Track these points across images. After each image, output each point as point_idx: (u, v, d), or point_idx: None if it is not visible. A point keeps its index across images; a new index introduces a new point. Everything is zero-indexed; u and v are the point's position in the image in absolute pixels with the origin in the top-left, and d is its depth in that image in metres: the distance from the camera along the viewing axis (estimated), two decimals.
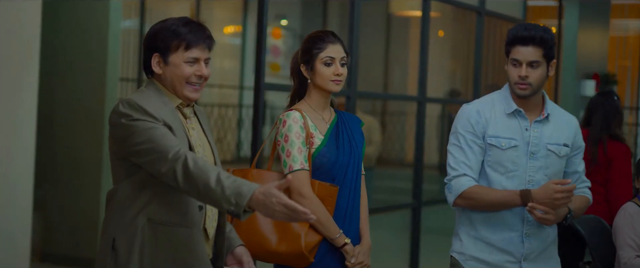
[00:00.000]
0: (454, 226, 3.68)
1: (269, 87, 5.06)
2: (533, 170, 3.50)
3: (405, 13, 12.41)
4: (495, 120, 3.53)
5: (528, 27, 3.48)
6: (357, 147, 3.56)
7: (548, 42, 3.45)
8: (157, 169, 2.82)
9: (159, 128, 2.85)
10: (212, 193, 2.73)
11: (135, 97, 2.92)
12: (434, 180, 10.27)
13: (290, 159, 3.41)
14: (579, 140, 3.62)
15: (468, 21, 7.96)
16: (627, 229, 4.39)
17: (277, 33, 11.96)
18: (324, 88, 3.49)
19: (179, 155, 2.77)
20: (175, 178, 2.78)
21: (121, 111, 2.88)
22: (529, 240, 3.52)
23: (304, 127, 3.44)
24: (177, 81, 2.99)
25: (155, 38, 2.99)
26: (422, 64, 6.59)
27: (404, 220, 6.74)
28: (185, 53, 2.97)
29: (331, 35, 3.53)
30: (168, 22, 3.01)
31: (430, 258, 7.16)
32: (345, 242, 3.45)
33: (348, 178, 3.51)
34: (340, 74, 3.48)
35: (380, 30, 12.05)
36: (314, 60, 3.49)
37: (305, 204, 3.34)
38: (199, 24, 3.03)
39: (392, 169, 10.17)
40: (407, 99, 9.93)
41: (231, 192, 2.70)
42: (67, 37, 7.21)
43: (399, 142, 11.53)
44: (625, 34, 11.87)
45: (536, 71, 3.45)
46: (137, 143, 2.85)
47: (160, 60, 2.99)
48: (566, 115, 3.63)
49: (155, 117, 2.87)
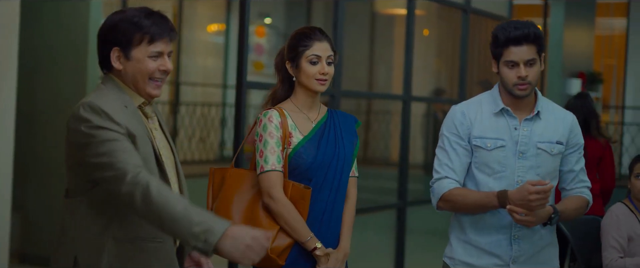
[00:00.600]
0: (440, 226, 3.61)
1: (252, 85, 4.99)
2: (522, 171, 3.38)
3: (390, 11, 12.38)
4: (481, 120, 3.44)
5: (517, 25, 3.34)
6: (344, 147, 3.43)
7: (540, 37, 3.36)
8: (113, 189, 2.62)
9: (120, 141, 2.64)
10: (177, 226, 2.54)
11: (96, 99, 2.71)
12: (420, 179, 10.23)
13: (262, 159, 3.31)
14: (576, 137, 3.48)
15: (453, 19, 7.92)
16: (612, 230, 4.37)
17: (261, 31, 11.88)
18: (308, 87, 3.39)
19: (138, 180, 2.56)
20: (133, 204, 2.58)
21: (82, 116, 2.67)
22: (517, 242, 3.40)
23: (281, 126, 3.34)
24: (140, 77, 2.80)
25: (115, 30, 2.78)
26: (407, 63, 6.54)
27: (389, 220, 6.69)
28: (148, 47, 2.78)
29: (318, 32, 3.42)
30: (128, 13, 2.82)
31: (415, 258, 7.12)
32: (316, 246, 3.31)
33: (329, 180, 3.38)
34: (325, 73, 3.37)
35: (364, 29, 12.00)
36: (299, 58, 3.38)
37: (274, 206, 3.28)
38: (161, 15, 2.84)
39: (377, 169, 10.12)
40: (392, 97, 9.89)
41: (200, 229, 2.51)
42: (48, 35, 7.14)
43: (383, 142, 11.49)
44: (610, 33, 11.87)
45: (533, 69, 3.34)
46: (95, 154, 2.64)
47: (121, 55, 2.79)
48: (562, 111, 3.50)
49: (118, 124, 2.67)
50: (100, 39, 2.84)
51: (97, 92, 2.80)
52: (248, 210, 3.35)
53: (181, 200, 2.59)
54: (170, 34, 2.84)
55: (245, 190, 3.39)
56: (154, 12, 2.84)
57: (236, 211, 3.35)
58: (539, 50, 3.35)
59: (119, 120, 2.69)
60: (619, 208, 4.45)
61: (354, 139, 3.50)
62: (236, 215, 3.34)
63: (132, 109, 2.80)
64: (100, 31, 2.84)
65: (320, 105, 3.51)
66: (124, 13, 2.82)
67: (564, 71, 9.66)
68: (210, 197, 3.47)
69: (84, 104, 2.71)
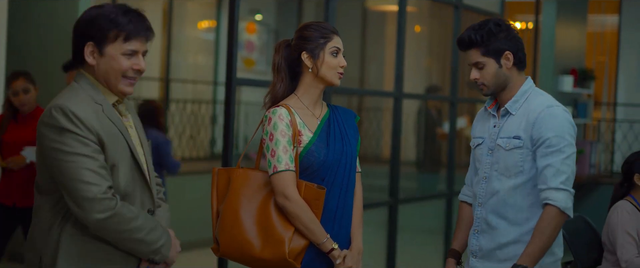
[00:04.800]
0: (431, 224, 3.60)
1: (242, 82, 4.95)
2: (487, 167, 3.43)
3: (381, 8, 12.35)
4: (478, 120, 3.56)
5: (465, 31, 3.41)
6: (350, 144, 3.37)
7: (480, 41, 3.35)
8: (69, 200, 2.68)
9: (87, 159, 2.65)
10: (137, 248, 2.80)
11: (68, 101, 2.71)
12: (411, 177, 10.21)
13: (275, 159, 3.21)
14: (540, 130, 3.28)
15: (445, 16, 7.89)
16: (627, 226, 4.27)
17: (252, 28, 11.82)
18: (327, 79, 3.33)
19: (103, 207, 2.67)
20: (86, 221, 2.68)
21: (52, 119, 2.67)
22: (476, 236, 3.46)
23: (291, 125, 3.25)
24: (113, 74, 2.79)
25: (91, 25, 2.77)
26: (399, 60, 6.50)
27: (381, 218, 6.66)
28: (123, 44, 2.77)
29: (332, 27, 3.38)
30: (105, 8, 2.80)
31: (407, 255, 7.09)
32: (333, 247, 3.24)
33: (339, 178, 3.31)
34: (343, 66, 3.34)
35: (356, 25, 11.97)
36: (320, 49, 3.30)
37: (290, 207, 3.19)
38: (139, 13, 2.83)
39: (369, 166, 10.08)
40: (384, 94, 9.85)
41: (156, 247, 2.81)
42: (36, 34, 7.10)
43: (375, 139, 11.46)
44: (602, 30, 11.86)
45: (484, 71, 3.37)
46: (60, 159, 2.66)
47: (95, 50, 2.78)
48: (538, 105, 3.35)
49: (89, 129, 2.67)
50: (76, 33, 2.82)
51: (70, 91, 2.79)
52: (260, 213, 3.24)
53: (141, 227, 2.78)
54: (147, 33, 2.82)
55: (255, 192, 3.29)
56: (131, 10, 2.82)
57: (246, 214, 3.25)
58: (485, 53, 3.36)
59: (89, 124, 2.68)
60: (626, 206, 4.37)
61: (357, 135, 3.45)
62: (247, 218, 3.24)
63: (107, 108, 2.78)
64: (77, 24, 2.83)
65: (322, 101, 3.45)
66: (102, 8, 2.80)
67: (556, 68, 9.64)
68: (214, 198, 3.38)
69: (55, 106, 2.69)
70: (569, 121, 3.32)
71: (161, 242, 2.82)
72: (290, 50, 3.38)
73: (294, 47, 3.36)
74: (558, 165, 3.24)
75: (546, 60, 9.61)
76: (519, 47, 3.40)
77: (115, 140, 2.76)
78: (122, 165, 2.78)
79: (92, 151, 2.67)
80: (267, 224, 3.22)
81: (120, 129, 2.81)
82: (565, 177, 3.24)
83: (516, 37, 3.40)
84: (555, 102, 3.38)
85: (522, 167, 3.32)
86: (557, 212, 3.22)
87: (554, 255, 3.40)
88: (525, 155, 3.32)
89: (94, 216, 2.64)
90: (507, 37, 3.37)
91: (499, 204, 3.38)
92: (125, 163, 2.80)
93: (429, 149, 10.33)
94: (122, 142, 2.79)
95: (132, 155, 2.83)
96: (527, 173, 3.33)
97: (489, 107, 3.49)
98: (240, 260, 3.29)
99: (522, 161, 3.32)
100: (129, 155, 2.82)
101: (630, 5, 11.21)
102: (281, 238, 3.19)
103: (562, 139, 3.26)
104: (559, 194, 3.23)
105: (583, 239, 4.66)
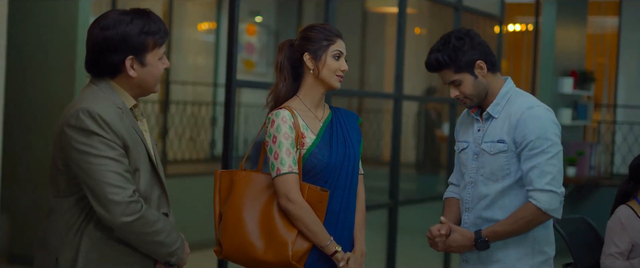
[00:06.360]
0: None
1: (242, 84, 4.95)
2: (473, 171, 3.42)
3: (381, 9, 12.34)
4: (462, 123, 3.56)
5: (429, 54, 3.38)
6: (353, 146, 3.37)
7: (449, 61, 3.33)
8: (95, 202, 2.70)
9: (114, 162, 2.68)
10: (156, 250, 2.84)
11: (94, 104, 2.71)
12: (411, 179, 10.20)
13: (278, 162, 3.21)
14: (523, 133, 3.27)
15: (445, 17, 7.88)
16: (615, 237, 4.23)
17: (252, 30, 11.81)
18: (327, 82, 3.33)
19: (130, 210, 2.69)
20: (112, 223, 2.70)
21: (80, 122, 2.68)
22: None
23: (294, 127, 3.25)
24: (152, 81, 2.84)
25: (128, 39, 2.75)
26: (399, 61, 6.50)
27: (381, 219, 6.66)
28: (159, 50, 2.82)
29: (337, 30, 3.39)
30: (132, 19, 2.78)
31: (407, 257, 7.09)
32: (336, 249, 3.24)
33: (342, 180, 3.32)
34: (344, 70, 3.35)
35: (356, 27, 11.96)
36: (323, 52, 3.31)
37: (293, 209, 3.19)
38: (155, 14, 2.86)
39: (368, 168, 10.09)
40: (384, 96, 9.85)
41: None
42: (36, 35, 7.09)
43: (375, 140, 11.45)
44: (602, 31, 11.85)
45: (462, 87, 3.37)
46: (88, 162, 2.67)
47: (135, 62, 2.79)
48: (519, 107, 3.33)
49: (115, 133, 2.69)
50: (109, 50, 2.78)
51: (93, 94, 2.78)
52: (263, 215, 3.24)
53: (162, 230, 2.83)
54: (167, 32, 2.88)
55: (258, 194, 3.29)
56: (148, 12, 2.83)
57: (249, 217, 3.25)
58: (457, 70, 3.34)
59: (117, 129, 2.70)
60: (624, 212, 4.27)
61: (359, 137, 3.45)
62: (250, 221, 3.24)
63: (126, 113, 2.80)
64: (108, 41, 2.77)
65: (324, 103, 3.45)
66: (127, 19, 2.78)
67: (556, 70, 9.63)
68: (217, 201, 3.37)
69: (82, 109, 2.69)
70: (551, 120, 3.31)
71: (177, 245, 2.87)
72: (293, 51, 3.38)
73: (297, 48, 3.37)
74: (542, 166, 3.24)
75: (546, 61, 9.60)
76: (487, 52, 3.38)
77: (136, 145, 2.79)
78: (142, 169, 2.81)
79: (118, 154, 2.69)
80: (270, 227, 3.22)
81: (139, 133, 2.84)
82: (550, 177, 3.25)
83: (481, 42, 3.37)
84: (536, 102, 3.36)
85: (509, 169, 3.33)
86: (537, 211, 3.25)
87: (544, 254, 3.41)
88: (510, 158, 3.32)
89: (120, 219, 2.66)
90: (473, 47, 3.34)
91: (488, 207, 3.38)
92: (145, 167, 2.83)
93: (428, 151, 10.33)
94: (141, 146, 2.82)
95: (150, 159, 2.86)
96: (514, 175, 3.33)
97: (471, 111, 3.48)
98: (243, 262, 3.28)
99: (508, 164, 3.33)
100: (147, 159, 2.85)
101: (630, 6, 11.20)
102: (284, 241, 3.19)
103: (546, 140, 3.26)
104: (543, 195, 3.25)
105: (584, 240, 4.65)
